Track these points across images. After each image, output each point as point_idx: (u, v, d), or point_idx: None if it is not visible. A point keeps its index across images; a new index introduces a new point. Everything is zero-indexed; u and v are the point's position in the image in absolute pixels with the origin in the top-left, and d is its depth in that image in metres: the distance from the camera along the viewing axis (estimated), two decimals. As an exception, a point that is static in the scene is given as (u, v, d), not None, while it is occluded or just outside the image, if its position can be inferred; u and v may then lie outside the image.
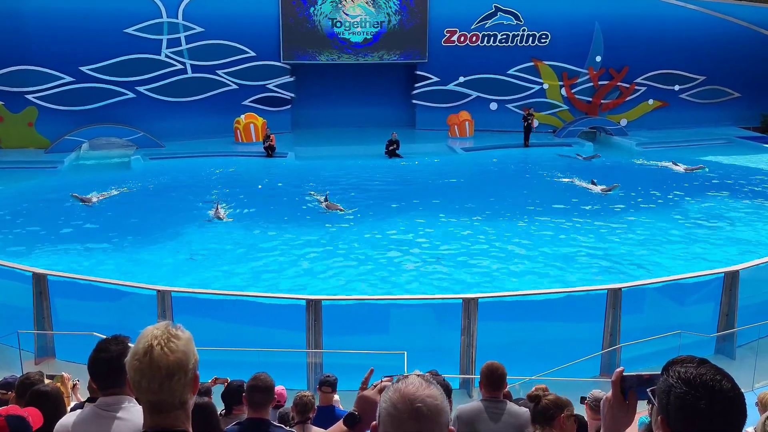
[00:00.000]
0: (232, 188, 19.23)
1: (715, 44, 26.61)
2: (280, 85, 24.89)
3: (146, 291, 9.93)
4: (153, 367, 2.06)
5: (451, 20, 25.27)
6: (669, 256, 14.27)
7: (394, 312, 10.48)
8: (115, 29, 22.52)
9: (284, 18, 24.28)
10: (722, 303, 10.49)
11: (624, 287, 10.11)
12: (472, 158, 23.07)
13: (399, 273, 13.31)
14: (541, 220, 16.47)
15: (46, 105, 22.49)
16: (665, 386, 1.83)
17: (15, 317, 10.29)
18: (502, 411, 4.83)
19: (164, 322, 2.17)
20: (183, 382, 2.09)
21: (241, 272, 13.20)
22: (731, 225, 16.31)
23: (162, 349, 2.07)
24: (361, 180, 20.22)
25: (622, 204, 17.97)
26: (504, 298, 10.48)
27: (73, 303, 10.61)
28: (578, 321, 10.55)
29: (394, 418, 1.74)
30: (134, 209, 16.98)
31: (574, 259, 14.04)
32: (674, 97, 27.27)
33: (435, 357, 9.72)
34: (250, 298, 10.49)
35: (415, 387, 1.76)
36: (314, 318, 9.43)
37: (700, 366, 1.82)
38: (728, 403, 1.76)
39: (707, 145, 25.07)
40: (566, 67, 26.13)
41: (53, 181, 19.86)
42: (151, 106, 23.33)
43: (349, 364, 8.67)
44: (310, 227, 15.88)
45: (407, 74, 26.12)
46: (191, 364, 2.12)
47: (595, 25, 25.77)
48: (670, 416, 1.81)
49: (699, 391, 1.76)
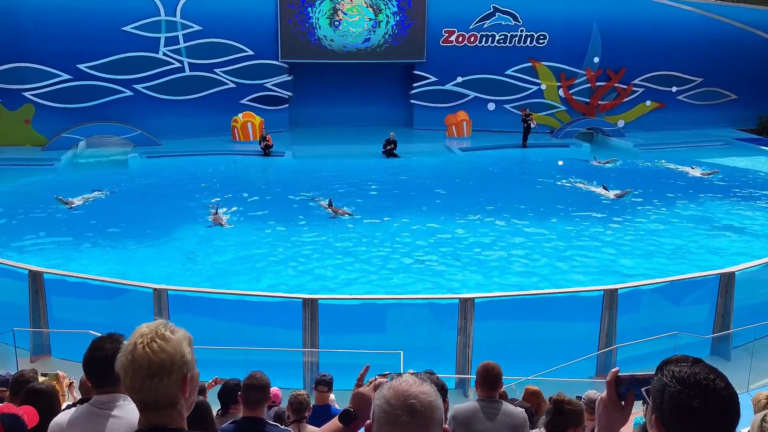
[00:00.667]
0: (229, 186, 19.21)
1: (713, 46, 26.68)
2: (278, 84, 24.88)
3: (142, 289, 9.93)
4: (135, 366, 2.05)
5: (450, 20, 25.29)
6: (665, 257, 14.30)
7: (391, 311, 10.48)
8: (113, 27, 22.48)
9: (282, 17, 24.27)
10: (718, 304, 10.52)
11: (620, 288, 10.14)
12: (469, 158, 23.08)
13: (396, 272, 13.31)
14: (539, 221, 16.47)
15: (44, 102, 22.45)
16: (659, 385, 1.84)
17: (11, 315, 10.27)
18: (497, 411, 4.83)
19: (159, 321, 2.14)
20: (166, 383, 2.05)
21: (237, 271, 13.18)
22: (727, 226, 16.34)
23: (144, 349, 2.04)
24: (359, 180, 20.21)
25: (621, 205, 18.00)
26: (500, 298, 10.49)
27: (69, 301, 10.60)
28: (574, 321, 10.56)
29: (388, 414, 1.75)
30: (131, 208, 16.96)
31: (572, 260, 14.05)
32: (671, 98, 27.33)
33: (431, 356, 9.72)
34: (246, 297, 10.49)
35: (409, 384, 1.78)
36: (311, 317, 9.43)
37: (695, 365, 1.83)
38: (722, 402, 1.76)
39: (704, 146, 25.12)
40: (564, 68, 26.16)
41: (50, 178, 19.82)
42: (149, 104, 23.30)
43: (345, 364, 8.66)
44: (307, 226, 15.87)
45: (405, 74, 26.13)
46: (177, 366, 2.06)
47: (593, 26, 25.80)
48: (664, 415, 1.81)
49: (693, 390, 1.77)
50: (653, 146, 24.82)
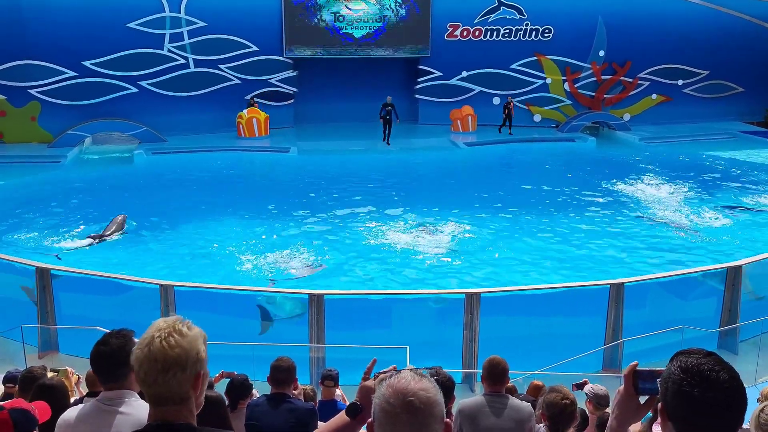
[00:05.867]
0: (234, 183, 19.24)
1: (719, 38, 26.50)
2: (283, 80, 24.87)
3: (149, 285, 9.96)
4: (150, 359, 2.07)
5: (454, 15, 25.21)
6: (671, 249, 14.26)
7: (397, 307, 10.50)
8: (117, 24, 22.50)
9: (287, 12, 24.24)
10: (725, 298, 10.48)
11: (627, 282, 10.11)
12: (474, 153, 23.04)
13: (402, 267, 13.31)
14: (545, 215, 16.45)
15: (49, 99, 22.50)
16: (666, 374, 1.85)
17: (18, 311, 10.33)
18: (504, 406, 4.84)
19: (175, 317, 2.17)
20: (179, 378, 2.08)
21: (243, 266, 13.21)
22: (734, 219, 16.27)
23: (161, 343, 2.07)
24: (363, 175, 20.20)
25: (626, 198, 17.95)
26: (506, 293, 10.48)
27: (77, 297, 10.65)
28: (581, 316, 10.55)
29: (388, 413, 1.75)
30: (137, 204, 16.98)
31: (578, 254, 14.03)
32: (678, 91, 27.19)
33: (437, 351, 9.74)
34: (252, 293, 10.51)
35: (407, 381, 1.77)
36: (317, 312, 9.45)
37: (704, 357, 1.83)
38: (723, 395, 1.76)
39: (711, 140, 25.00)
40: (569, 62, 26.06)
41: (56, 175, 19.88)
42: (154, 100, 23.33)
43: (351, 359, 8.69)
44: (312, 222, 15.89)
45: (410, 69, 26.08)
46: (191, 362, 2.09)
47: (599, 20, 25.68)
48: (668, 403, 1.82)
49: (695, 378, 1.77)
50: (659, 140, 24.73)
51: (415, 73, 25.88)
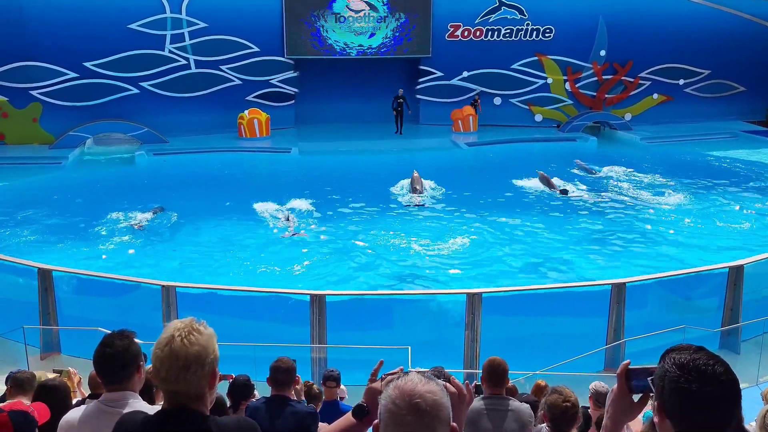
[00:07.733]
0: (235, 183, 19.23)
1: (720, 38, 26.47)
2: (284, 81, 24.88)
3: (151, 286, 9.96)
4: (172, 357, 2.17)
5: (455, 15, 25.20)
6: (672, 249, 14.25)
7: (398, 307, 10.49)
8: (118, 25, 22.51)
9: (287, 13, 24.24)
10: (727, 297, 10.47)
11: (628, 282, 10.10)
12: (476, 153, 23.03)
13: (403, 268, 13.31)
14: (546, 215, 16.44)
15: (51, 101, 22.52)
16: (661, 372, 1.85)
17: (20, 312, 10.33)
18: (504, 407, 4.83)
19: (190, 318, 2.30)
20: (199, 374, 2.19)
21: (244, 267, 13.21)
22: (735, 219, 16.26)
23: (182, 341, 2.18)
24: (365, 175, 20.20)
25: (627, 197, 17.94)
26: (508, 293, 10.48)
27: (79, 298, 10.66)
28: (582, 316, 10.54)
29: (394, 414, 1.75)
30: (138, 204, 16.98)
31: (580, 254, 14.02)
32: (679, 91, 27.17)
33: (439, 352, 9.74)
34: (253, 293, 10.51)
35: (414, 383, 1.77)
36: (318, 313, 9.45)
37: (696, 352, 1.84)
38: (720, 387, 1.77)
39: (712, 139, 24.96)
40: (570, 62, 26.04)
41: (58, 176, 19.89)
42: (155, 101, 23.34)
43: (353, 359, 8.70)
44: (314, 222, 15.88)
45: (411, 69, 26.07)
46: (209, 359, 2.21)
47: (600, 19, 25.65)
48: (665, 401, 1.83)
49: (692, 374, 1.78)
50: (660, 139, 24.69)
51: (416, 74, 25.87)
